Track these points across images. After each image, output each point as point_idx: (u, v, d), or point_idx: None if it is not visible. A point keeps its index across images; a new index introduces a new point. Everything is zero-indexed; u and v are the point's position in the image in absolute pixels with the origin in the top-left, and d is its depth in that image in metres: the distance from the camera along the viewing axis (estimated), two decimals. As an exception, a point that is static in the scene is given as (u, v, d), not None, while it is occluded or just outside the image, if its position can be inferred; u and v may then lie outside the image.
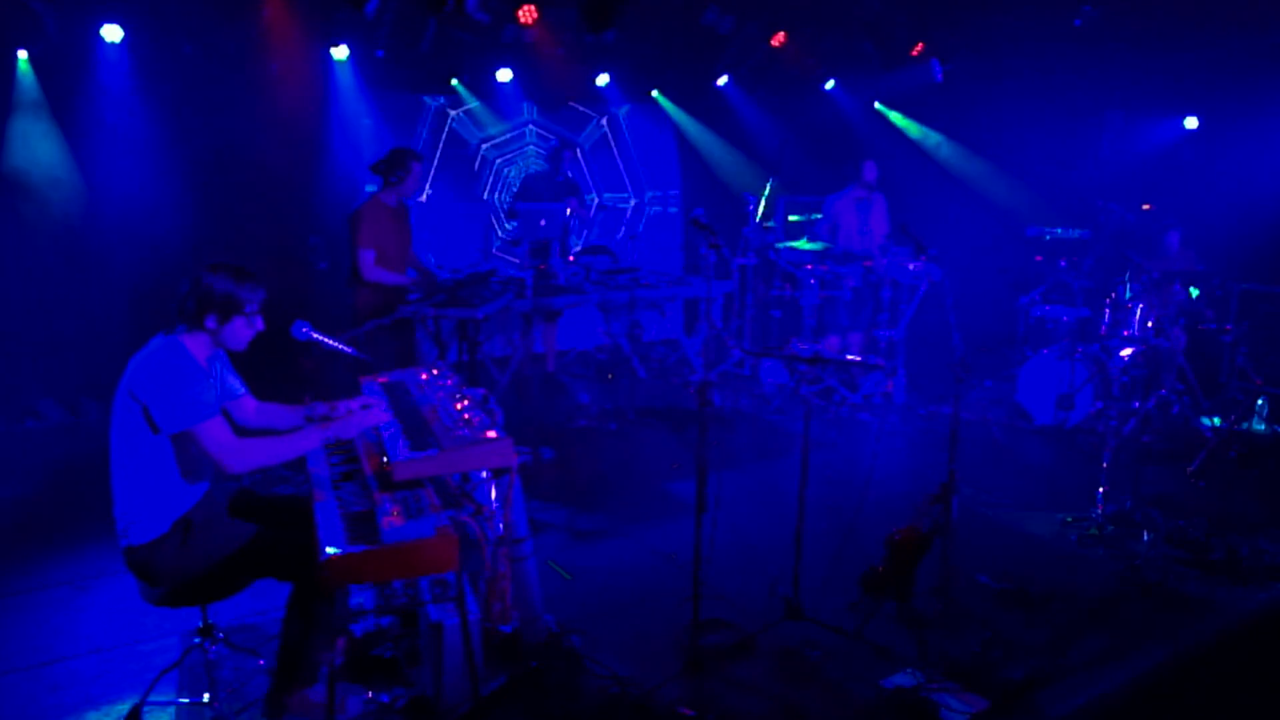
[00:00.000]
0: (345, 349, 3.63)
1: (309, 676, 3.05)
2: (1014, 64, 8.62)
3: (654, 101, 9.77)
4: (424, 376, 3.75)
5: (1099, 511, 5.00)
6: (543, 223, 6.88)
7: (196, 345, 3.02)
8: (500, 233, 9.10)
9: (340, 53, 7.62)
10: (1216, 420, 6.64)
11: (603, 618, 3.99)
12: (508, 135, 9.11)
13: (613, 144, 9.82)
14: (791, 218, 7.98)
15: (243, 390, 3.32)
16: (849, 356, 5.40)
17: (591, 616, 3.97)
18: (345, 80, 7.86)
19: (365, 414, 3.22)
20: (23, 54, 6.52)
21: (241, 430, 3.10)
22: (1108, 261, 7.24)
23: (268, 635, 3.73)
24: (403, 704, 3.30)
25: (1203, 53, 7.61)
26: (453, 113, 8.76)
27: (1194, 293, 6.74)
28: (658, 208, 10.25)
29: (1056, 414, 6.68)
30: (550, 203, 7.12)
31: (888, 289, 7.37)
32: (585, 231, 9.48)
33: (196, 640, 3.33)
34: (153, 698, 3.28)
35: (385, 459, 2.96)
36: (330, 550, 2.60)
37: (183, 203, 7.06)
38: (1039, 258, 7.71)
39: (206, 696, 3.29)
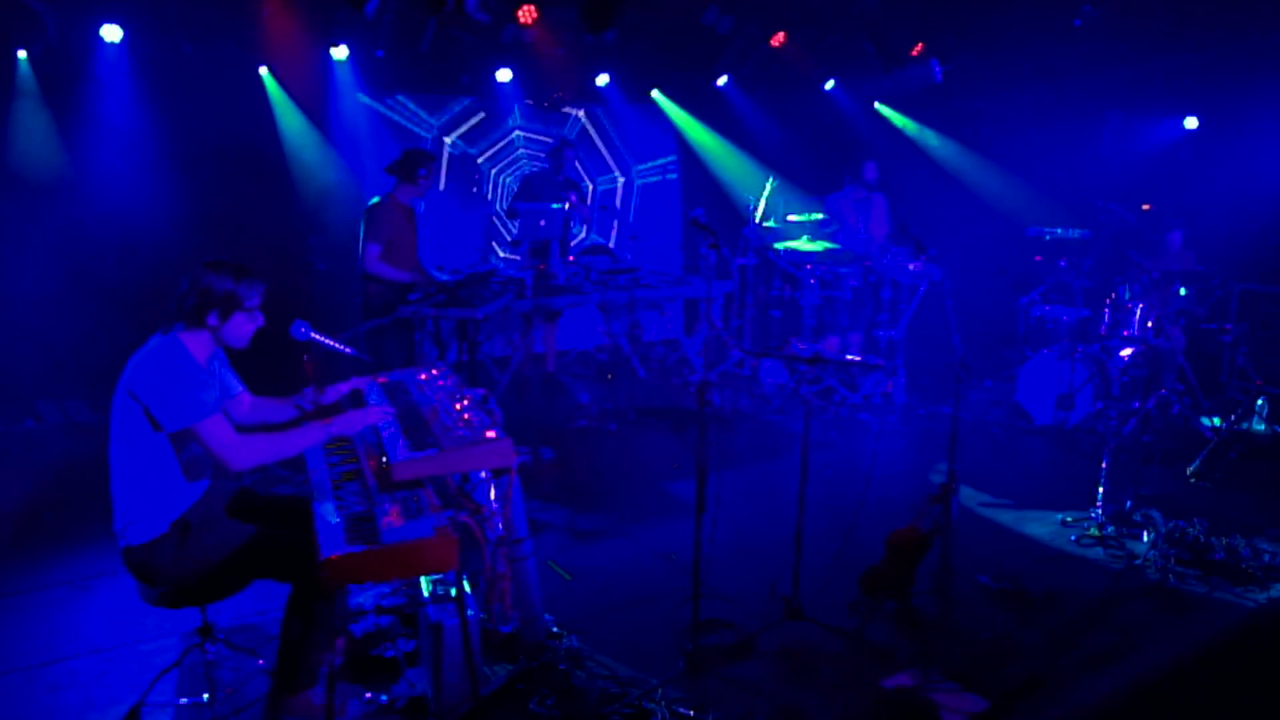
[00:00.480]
0: (344, 349, 3.63)
1: (309, 678, 3.04)
2: (1014, 64, 8.62)
3: (649, 98, 9.75)
4: (423, 376, 3.75)
5: (1099, 511, 5.00)
6: (543, 223, 6.88)
7: (196, 343, 3.03)
8: (505, 245, 9.06)
9: (340, 53, 7.62)
10: (1216, 420, 6.63)
11: (603, 618, 3.99)
12: (499, 146, 9.09)
13: (592, 133, 9.80)
14: (791, 217, 7.98)
15: (240, 388, 3.32)
16: (849, 356, 5.41)
17: (591, 616, 3.97)
18: (345, 80, 7.86)
19: (367, 412, 3.23)
20: (22, 54, 6.51)
21: (238, 427, 3.10)
22: (1107, 261, 7.24)
23: (267, 635, 3.74)
24: (402, 704, 3.30)
25: (1203, 53, 7.61)
26: (447, 139, 8.74)
27: (1181, 291, 6.74)
28: (656, 177, 10.21)
29: (1056, 414, 6.68)
30: (550, 203, 7.12)
31: (887, 289, 7.37)
32: (586, 229, 9.46)
33: (196, 641, 3.33)
34: (152, 698, 3.28)
35: (385, 459, 2.96)
36: (329, 550, 2.60)
37: (182, 203, 7.05)
38: (1039, 258, 7.71)
39: (206, 697, 3.29)
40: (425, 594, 3.29)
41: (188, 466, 3.02)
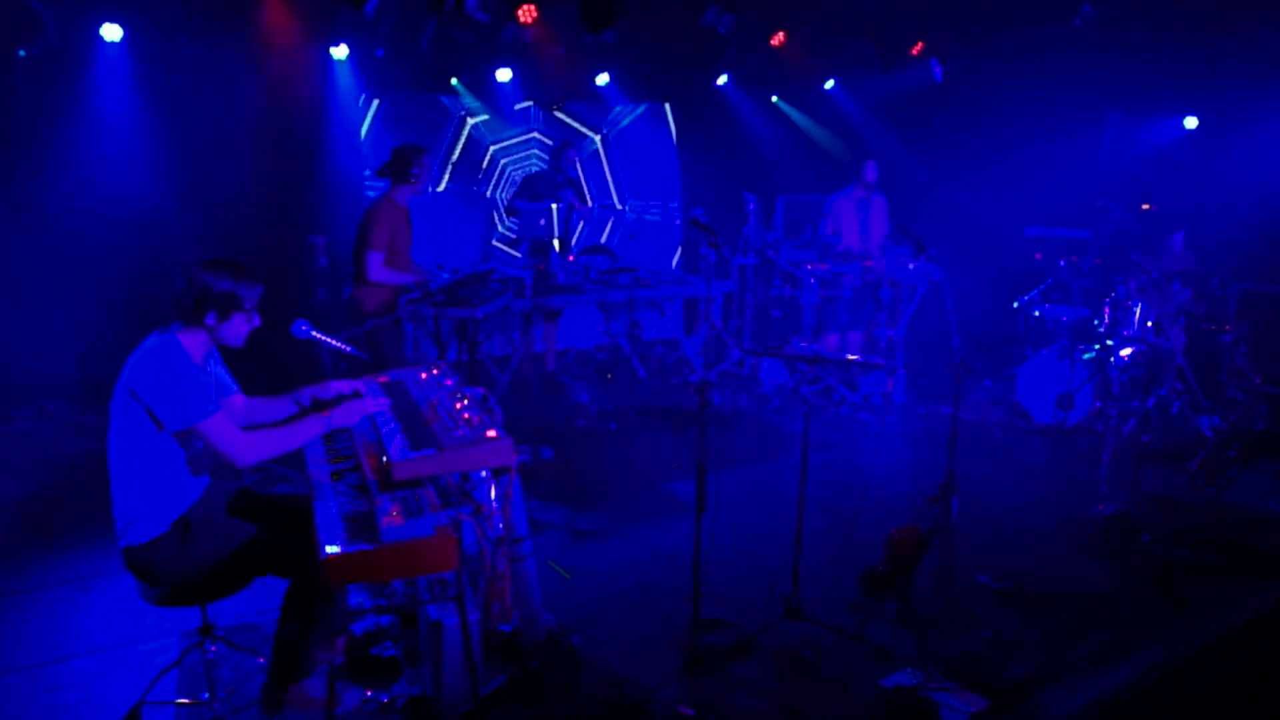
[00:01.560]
0: (345, 348, 3.63)
1: (305, 670, 3.04)
2: (1014, 64, 8.62)
3: (652, 109, 9.77)
4: (423, 376, 3.75)
5: (1099, 511, 5.00)
6: (542, 222, 6.88)
7: (192, 342, 3.03)
8: (500, 228, 9.08)
9: (340, 52, 7.62)
10: (1216, 419, 6.63)
11: (603, 617, 3.99)
12: (515, 140, 9.10)
13: (603, 160, 9.83)
14: (791, 218, 7.99)
15: (234, 387, 3.32)
16: (849, 356, 5.41)
17: (591, 616, 3.97)
18: (345, 80, 7.86)
19: (364, 402, 3.25)
20: (22, 53, 6.50)
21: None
22: (1107, 261, 7.24)
23: (268, 635, 3.70)
24: (402, 703, 3.30)
25: (1203, 53, 7.61)
26: (471, 121, 8.75)
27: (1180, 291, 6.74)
28: (655, 216, 10.26)
29: (1056, 414, 6.68)
30: (550, 202, 7.12)
31: (887, 288, 7.38)
32: (586, 229, 9.45)
33: (196, 640, 3.33)
34: (152, 697, 3.28)
35: (385, 458, 2.96)
36: (330, 550, 2.60)
37: (182, 202, 7.06)
38: (1038, 256, 7.71)
39: (206, 696, 3.29)
40: (426, 593, 3.29)
41: (187, 465, 3.02)
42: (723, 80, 9.47)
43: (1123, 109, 8.67)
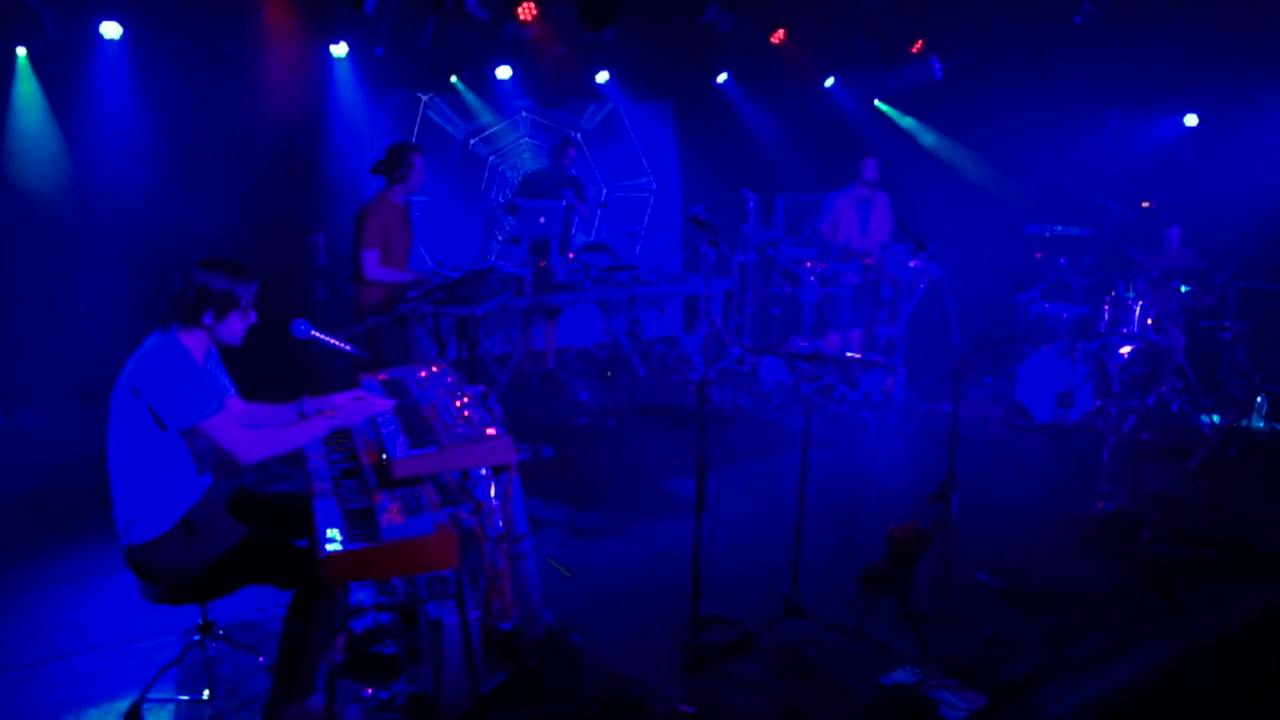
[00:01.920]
0: (345, 346, 3.63)
1: (308, 685, 3.02)
2: (1014, 61, 8.62)
3: (649, 96, 9.77)
4: (423, 374, 3.75)
5: (1098, 509, 5.00)
6: (542, 220, 6.87)
7: (193, 342, 3.04)
8: (500, 235, 9.06)
9: (340, 50, 7.61)
10: (1216, 418, 6.64)
11: (602, 615, 3.99)
12: (498, 127, 9.04)
13: (627, 125, 9.78)
14: (791, 216, 7.99)
15: (231, 390, 3.32)
16: (849, 354, 5.41)
17: (591, 614, 3.97)
18: (344, 77, 7.85)
19: (368, 403, 3.25)
20: (21, 51, 6.51)
21: None
22: (1107, 259, 7.24)
23: (268, 632, 3.74)
24: (403, 701, 3.30)
25: (1203, 51, 7.61)
26: (424, 97, 8.67)
27: (1181, 288, 6.75)
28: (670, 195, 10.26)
29: (1056, 412, 6.69)
30: (550, 200, 7.11)
31: (887, 286, 7.37)
32: (588, 228, 9.44)
33: (196, 638, 3.34)
34: (152, 695, 3.29)
35: (385, 456, 2.97)
36: (330, 547, 2.60)
37: (182, 200, 7.05)
38: (1038, 255, 7.71)
39: (206, 694, 3.29)
40: (425, 591, 3.29)
41: (189, 464, 3.03)
42: (723, 78, 9.46)
43: (1123, 107, 8.67)
